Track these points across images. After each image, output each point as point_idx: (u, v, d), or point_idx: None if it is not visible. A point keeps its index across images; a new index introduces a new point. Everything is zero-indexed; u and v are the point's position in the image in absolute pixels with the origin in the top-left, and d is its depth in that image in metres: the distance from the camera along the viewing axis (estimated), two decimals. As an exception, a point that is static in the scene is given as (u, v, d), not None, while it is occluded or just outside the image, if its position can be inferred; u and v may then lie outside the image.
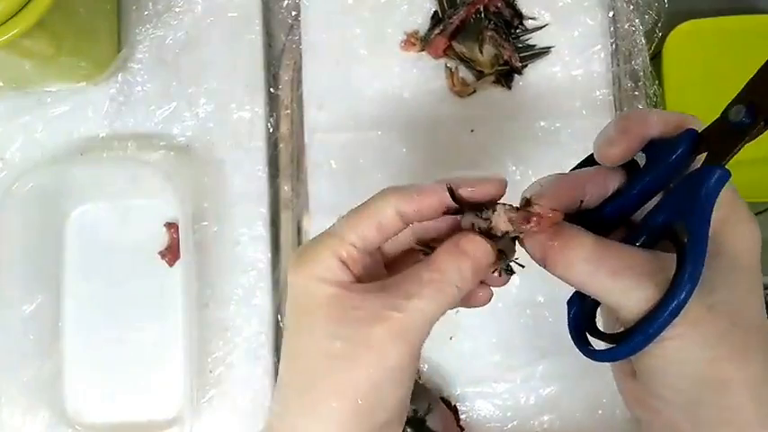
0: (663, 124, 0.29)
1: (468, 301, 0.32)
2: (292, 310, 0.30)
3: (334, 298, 0.28)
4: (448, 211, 0.29)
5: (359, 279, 0.30)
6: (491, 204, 0.29)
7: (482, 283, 0.31)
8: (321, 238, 0.30)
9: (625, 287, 0.28)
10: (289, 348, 0.30)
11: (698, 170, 0.28)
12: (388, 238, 0.30)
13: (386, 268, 0.33)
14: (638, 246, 0.30)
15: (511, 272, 0.31)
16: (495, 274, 0.31)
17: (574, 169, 0.33)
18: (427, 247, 0.32)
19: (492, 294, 0.32)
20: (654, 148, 0.30)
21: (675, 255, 0.27)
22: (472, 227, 0.29)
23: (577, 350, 0.32)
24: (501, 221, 0.29)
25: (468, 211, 0.30)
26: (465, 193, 0.29)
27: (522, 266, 0.31)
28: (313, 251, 0.29)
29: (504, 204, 0.29)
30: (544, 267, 0.29)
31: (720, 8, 0.80)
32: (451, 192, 0.29)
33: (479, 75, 0.59)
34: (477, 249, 0.29)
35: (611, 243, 0.29)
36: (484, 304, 0.32)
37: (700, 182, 0.27)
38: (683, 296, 0.26)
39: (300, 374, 0.29)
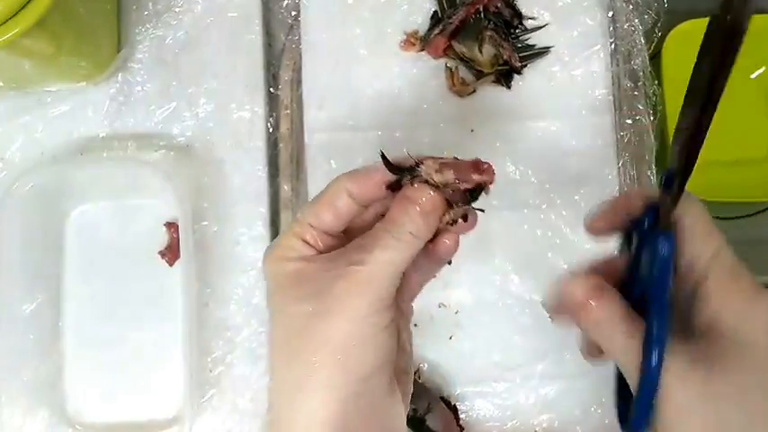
0: (643, 202, 0.32)
1: (433, 252, 0.33)
2: (269, 294, 0.33)
3: (300, 269, 0.31)
4: (389, 187, 0.32)
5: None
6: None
7: (445, 233, 0.33)
8: (287, 228, 0.34)
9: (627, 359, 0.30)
10: (270, 327, 0.32)
11: (650, 238, 0.30)
12: (346, 218, 0.33)
13: None
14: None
15: (465, 219, 0.32)
16: (451, 225, 0.32)
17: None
18: None
19: (457, 243, 0.33)
20: (639, 224, 0.33)
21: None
22: (411, 183, 0.32)
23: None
24: (431, 172, 0.31)
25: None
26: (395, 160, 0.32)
27: (482, 210, 0.33)
28: (279, 239, 0.33)
29: (432, 157, 0.32)
30: (571, 317, 0.32)
31: (720, 8, 0.80)
32: (384, 158, 0.32)
33: (479, 75, 0.59)
34: (422, 195, 0.31)
35: (634, 315, 0.30)
36: (451, 253, 0.33)
37: (652, 249, 0.30)
38: (652, 365, 0.28)
39: (281, 340, 0.31)
